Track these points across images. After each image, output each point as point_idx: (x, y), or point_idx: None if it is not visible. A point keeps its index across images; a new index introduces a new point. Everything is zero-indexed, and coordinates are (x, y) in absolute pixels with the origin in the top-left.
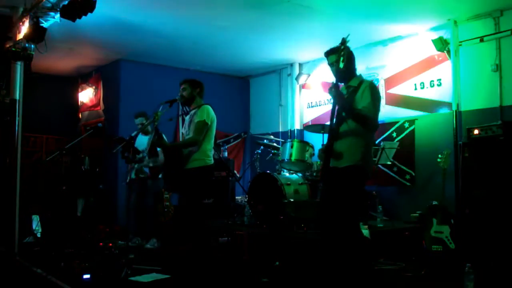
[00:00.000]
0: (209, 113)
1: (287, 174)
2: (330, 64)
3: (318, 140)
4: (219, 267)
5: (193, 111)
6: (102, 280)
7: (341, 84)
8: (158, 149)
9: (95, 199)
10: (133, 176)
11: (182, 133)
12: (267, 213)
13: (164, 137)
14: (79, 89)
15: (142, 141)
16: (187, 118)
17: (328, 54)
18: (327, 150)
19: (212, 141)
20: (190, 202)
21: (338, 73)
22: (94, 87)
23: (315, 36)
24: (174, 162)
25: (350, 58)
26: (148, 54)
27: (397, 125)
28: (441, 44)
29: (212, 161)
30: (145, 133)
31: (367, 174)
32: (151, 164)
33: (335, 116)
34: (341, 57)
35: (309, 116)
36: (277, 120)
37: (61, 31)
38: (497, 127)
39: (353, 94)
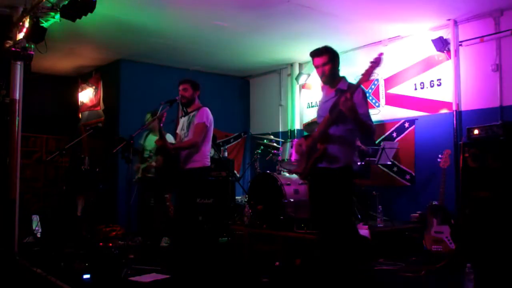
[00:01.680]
0: (208, 115)
1: (287, 174)
2: (316, 66)
3: None
4: (219, 267)
5: (192, 113)
6: (102, 280)
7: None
8: None
9: (95, 199)
10: (139, 175)
11: (177, 133)
12: (267, 213)
13: (171, 137)
14: (79, 89)
15: (152, 140)
16: (184, 119)
17: (314, 55)
18: (321, 155)
19: (210, 142)
20: (187, 201)
21: (325, 77)
22: (94, 87)
23: (315, 36)
24: (173, 162)
25: (338, 62)
26: (148, 54)
27: (397, 125)
28: (441, 44)
29: (210, 162)
30: (155, 132)
31: (355, 173)
32: (154, 163)
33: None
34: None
35: (309, 116)
36: (277, 120)
37: (61, 31)
38: (497, 127)
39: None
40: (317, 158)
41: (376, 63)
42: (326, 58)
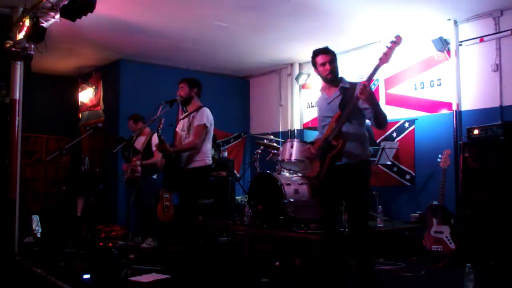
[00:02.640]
0: (208, 116)
1: (287, 174)
2: (322, 64)
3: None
4: (219, 267)
5: (192, 114)
6: (102, 280)
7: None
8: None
9: (95, 199)
10: (128, 175)
11: (177, 132)
12: (267, 213)
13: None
14: (79, 89)
15: (140, 141)
16: (185, 120)
17: (320, 53)
18: (338, 153)
19: (211, 141)
20: (189, 201)
21: (332, 74)
22: (94, 87)
23: (315, 36)
24: (174, 163)
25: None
26: (148, 54)
27: (397, 125)
28: (441, 44)
29: (211, 161)
30: (142, 133)
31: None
32: (138, 162)
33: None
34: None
35: (309, 116)
36: (277, 120)
37: (61, 31)
38: (497, 127)
39: (349, 94)
40: (334, 156)
41: (396, 42)
42: (332, 56)
